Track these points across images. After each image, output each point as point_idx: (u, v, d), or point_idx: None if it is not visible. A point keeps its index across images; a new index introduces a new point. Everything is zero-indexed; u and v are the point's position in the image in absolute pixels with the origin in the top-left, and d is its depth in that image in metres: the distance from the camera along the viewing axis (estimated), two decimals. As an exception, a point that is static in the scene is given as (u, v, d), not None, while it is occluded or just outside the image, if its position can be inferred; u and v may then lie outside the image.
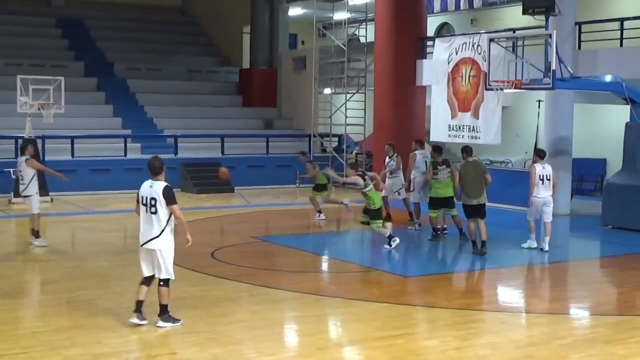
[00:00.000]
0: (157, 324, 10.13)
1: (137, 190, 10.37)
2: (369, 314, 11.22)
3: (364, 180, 15.72)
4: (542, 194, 15.86)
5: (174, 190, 10.58)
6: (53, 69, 30.08)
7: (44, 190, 23.08)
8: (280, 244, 16.75)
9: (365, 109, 29.31)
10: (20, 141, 23.24)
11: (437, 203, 16.75)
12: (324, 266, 15.40)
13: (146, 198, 10.15)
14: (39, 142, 24.29)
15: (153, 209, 10.09)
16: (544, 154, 16.49)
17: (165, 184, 10.25)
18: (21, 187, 16.60)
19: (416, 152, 18.83)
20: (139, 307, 10.19)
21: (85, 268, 14.14)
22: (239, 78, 35.51)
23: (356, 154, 31.82)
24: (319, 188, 20.89)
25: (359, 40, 31.58)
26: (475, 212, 15.53)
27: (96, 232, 18.90)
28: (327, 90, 31.04)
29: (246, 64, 36.00)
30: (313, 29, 31.23)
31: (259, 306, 11.42)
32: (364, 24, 30.21)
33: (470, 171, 15.76)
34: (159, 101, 32.14)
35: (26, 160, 16.48)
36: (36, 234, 16.40)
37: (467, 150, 16.07)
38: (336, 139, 31.05)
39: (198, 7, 39.88)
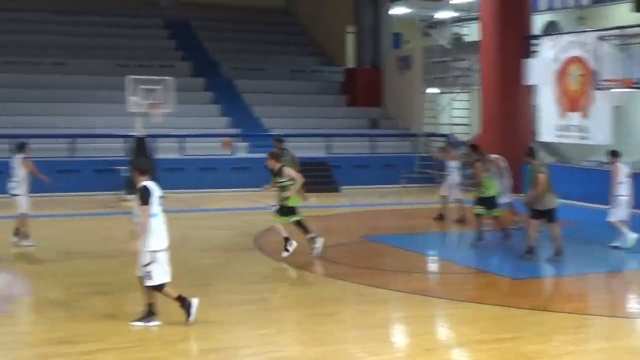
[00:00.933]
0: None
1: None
2: (476, 316, 11.09)
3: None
4: (628, 192, 15.74)
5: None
6: (161, 69, 30.68)
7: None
8: (387, 244, 16.71)
9: (471, 109, 29.02)
10: (130, 140, 23.79)
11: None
12: (431, 267, 15.30)
13: (160, 198, 10.18)
14: (149, 140, 24.83)
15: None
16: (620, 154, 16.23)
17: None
18: (11, 185, 16.14)
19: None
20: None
21: (191, 265, 14.37)
22: (343, 78, 35.58)
23: (463, 154, 31.50)
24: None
25: (463, 39, 31.27)
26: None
27: (202, 229, 19.20)
28: (433, 90, 30.84)
29: (349, 64, 36.04)
30: (417, 29, 31.08)
31: (365, 306, 11.41)
32: (468, 22, 29.91)
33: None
34: (264, 101, 32.46)
35: (22, 159, 16.08)
36: (23, 234, 16.01)
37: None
38: (442, 139, 30.81)
39: (301, 7, 40.13)
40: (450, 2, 29.60)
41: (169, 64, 32.64)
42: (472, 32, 29.52)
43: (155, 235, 9.97)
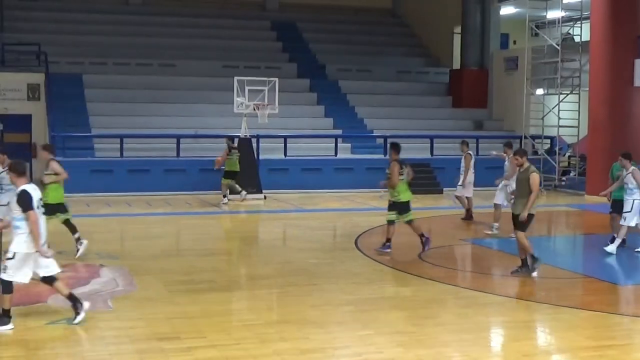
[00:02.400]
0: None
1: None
2: (579, 322, 10.85)
3: None
4: None
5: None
6: (268, 70, 31.03)
7: (257, 188, 23.93)
8: (488, 247, 16.51)
9: (579, 111, 28.44)
10: (236, 140, 24.10)
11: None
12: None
13: (39, 201, 10.06)
14: (254, 141, 25.13)
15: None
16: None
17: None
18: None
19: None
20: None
21: (295, 264, 14.47)
22: (449, 79, 35.32)
23: (569, 156, 30.95)
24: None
25: (573, 39, 30.66)
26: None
27: (306, 229, 19.31)
28: (540, 91, 30.35)
29: (456, 65, 35.75)
30: (525, 29, 30.63)
31: (465, 309, 11.29)
32: (578, 22, 29.33)
33: None
34: (369, 102, 32.48)
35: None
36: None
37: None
38: (548, 141, 30.29)
39: (408, 8, 39.99)
40: (560, 1, 29.05)
41: (275, 66, 32.97)
42: (582, 31, 28.92)
43: (28, 238, 9.86)
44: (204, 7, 37.12)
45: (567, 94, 28.93)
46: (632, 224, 15.55)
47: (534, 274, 13.32)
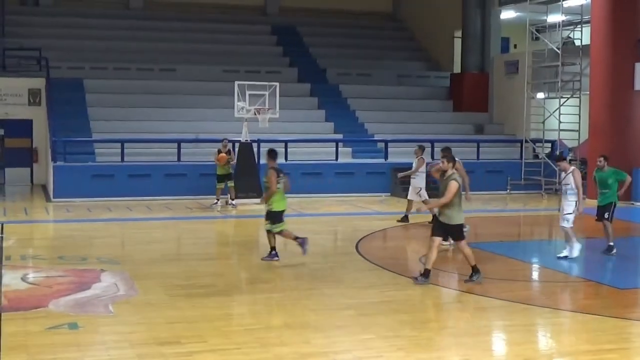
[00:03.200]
0: None
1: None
2: (579, 326, 10.86)
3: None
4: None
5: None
6: (268, 75, 31.08)
7: (258, 192, 23.93)
8: (489, 251, 16.51)
9: (579, 114, 28.47)
10: (237, 145, 24.14)
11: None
12: (534, 275, 15.05)
13: None
14: (255, 145, 25.15)
15: None
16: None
17: None
18: None
19: None
20: None
21: (295, 268, 14.48)
22: (450, 83, 35.35)
23: (570, 160, 30.94)
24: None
25: (573, 43, 30.70)
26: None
27: (306, 234, 19.25)
28: (540, 95, 30.37)
29: (457, 69, 35.78)
30: (526, 33, 30.67)
31: (466, 313, 11.31)
32: (579, 26, 29.36)
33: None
34: (369, 106, 32.51)
35: None
36: None
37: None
38: (549, 144, 30.31)
39: (408, 12, 40.03)
40: (561, 5, 29.07)
41: (275, 70, 33.03)
42: (582, 35, 28.95)
43: None
44: (205, 11, 37.18)
45: (568, 98, 28.95)
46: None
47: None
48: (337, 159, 27.61)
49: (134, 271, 13.69)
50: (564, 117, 28.73)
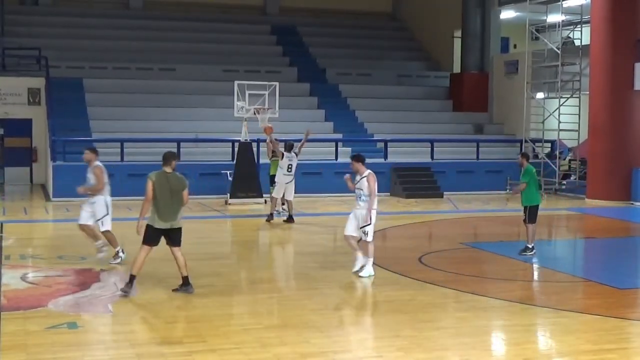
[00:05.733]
0: None
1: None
2: (580, 326, 10.85)
3: None
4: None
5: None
6: (268, 74, 31.07)
7: (258, 192, 23.94)
8: (488, 251, 16.52)
9: (579, 114, 28.47)
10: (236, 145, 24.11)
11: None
12: (534, 275, 15.03)
13: None
14: (254, 145, 25.12)
15: None
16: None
17: None
18: None
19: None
20: None
21: (295, 269, 14.48)
22: (449, 82, 35.35)
23: (569, 160, 30.96)
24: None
25: (573, 43, 30.70)
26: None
27: (306, 233, 19.32)
28: (540, 95, 30.37)
29: (456, 69, 35.78)
30: (526, 33, 30.67)
31: (465, 313, 11.30)
32: (578, 26, 29.36)
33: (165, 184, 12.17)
34: (369, 106, 32.51)
35: None
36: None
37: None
38: (549, 144, 30.30)
39: (408, 12, 40.04)
40: (560, 5, 29.07)
41: (275, 70, 33.02)
42: (582, 35, 28.95)
43: None
44: (204, 11, 37.18)
45: (568, 98, 28.95)
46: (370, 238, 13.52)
47: None
48: (336, 158, 27.60)
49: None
50: (564, 117, 28.73)
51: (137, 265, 11.98)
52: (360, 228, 13.46)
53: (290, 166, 20.14)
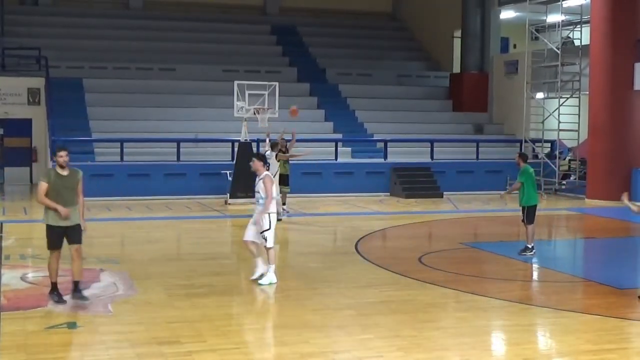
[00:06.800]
0: None
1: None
2: (580, 326, 10.84)
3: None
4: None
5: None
6: (268, 74, 31.06)
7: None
8: (488, 251, 16.52)
9: (579, 114, 28.47)
10: (236, 145, 24.09)
11: None
12: (533, 275, 15.03)
13: None
14: (254, 145, 25.14)
15: None
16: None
17: None
18: None
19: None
20: None
21: (295, 268, 14.47)
22: (449, 82, 35.35)
23: (569, 160, 30.97)
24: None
25: (573, 43, 30.71)
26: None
27: (306, 233, 19.32)
28: (540, 95, 30.37)
29: (456, 69, 35.78)
30: (525, 33, 30.68)
31: (465, 313, 11.29)
32: (578, 26, 29.36)
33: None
34: (369, 106, 32.51)
35: None
36: None
37: None
38: (549, 144, 30.30)
39: (408, 12, 40.03)
40: (560, 5, 29.08)
41: (275, 70, 33.01)
42: (582, 35, 28.95)
43: None
44: (204, 11, 37.17)
45: (567, 98, 28.95)
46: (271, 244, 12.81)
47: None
48: (336, 158, 27.60)
49: (133, 271, 13.68)
50: (564, 117, 28.73)
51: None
52: (260, 233, 12.78)
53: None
